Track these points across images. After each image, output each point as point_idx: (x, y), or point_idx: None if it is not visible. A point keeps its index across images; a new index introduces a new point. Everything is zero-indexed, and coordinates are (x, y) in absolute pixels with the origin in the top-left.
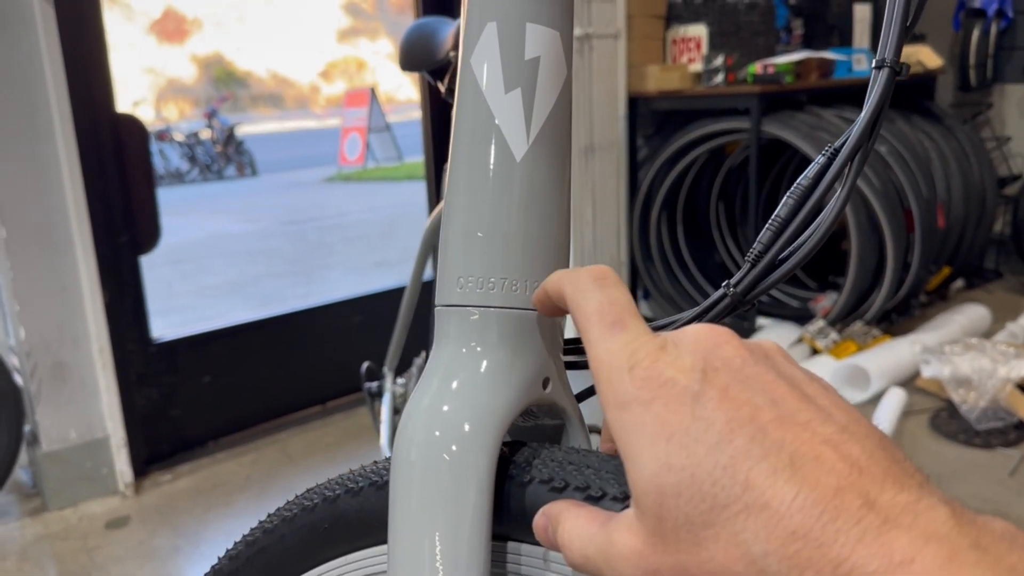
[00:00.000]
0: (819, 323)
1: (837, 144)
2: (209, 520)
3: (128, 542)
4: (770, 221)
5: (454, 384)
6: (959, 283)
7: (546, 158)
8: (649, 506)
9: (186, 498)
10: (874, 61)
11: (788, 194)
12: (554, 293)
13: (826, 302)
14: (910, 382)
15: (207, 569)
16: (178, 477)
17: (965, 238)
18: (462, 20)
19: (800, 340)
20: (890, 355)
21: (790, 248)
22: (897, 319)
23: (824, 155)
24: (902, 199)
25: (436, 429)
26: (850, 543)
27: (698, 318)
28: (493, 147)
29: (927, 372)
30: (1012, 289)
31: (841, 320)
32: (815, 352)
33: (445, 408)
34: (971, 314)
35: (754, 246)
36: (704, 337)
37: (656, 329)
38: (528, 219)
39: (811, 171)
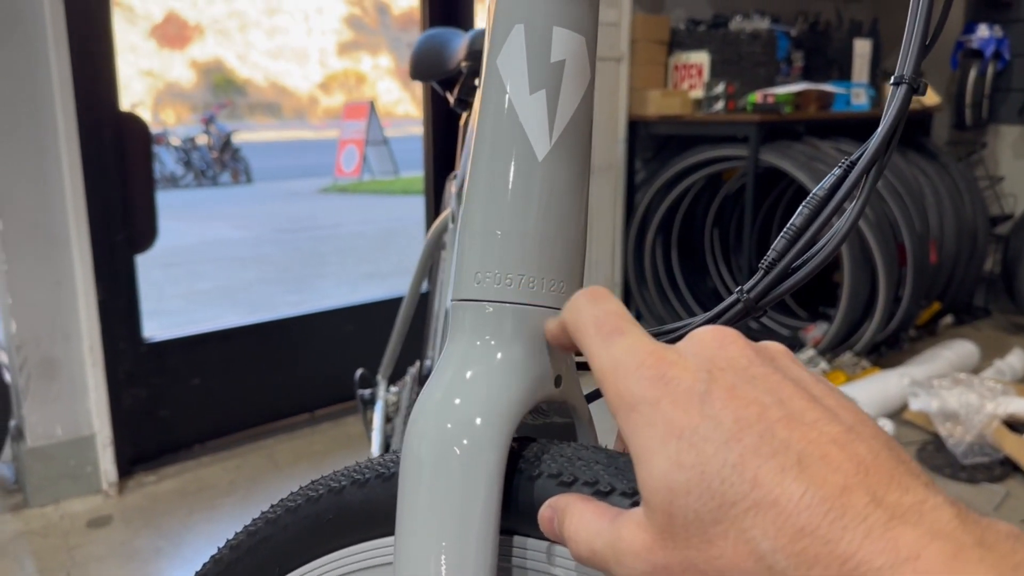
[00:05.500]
0: (809, 352)
1: (853, 157)
2: (192, 523)
3: (110, 542)
4: (785, 229)
5: (467, 376)
6: (948, 319)
7: (567, 159)
8: (659, 504)
9: (170, 500)
10: (892, 78)
11: (804, 204)
12: (565, 326)
13: (816, 332)
14: (898, 414)
15: (198, 566)
16: (162, 479)
17: (956, 275)
18: (488, 21)
19: None
20: (879, 387)
21: (803, 257)
22: (886, 352)
23: (840, 167)
24: (896, 233)
25: (448, 422)
26: (857, 539)
27: (710, 323)
28: (515, 146)
29: (915, 405)
30: (1000, 327)
31: (831, 350)
32: None
33: (457, 401)
34: (960, 350)
35: (768, 253)
36: (709, 338)
37: (667, 332)
38: (547, 218)
39: (827, 183)
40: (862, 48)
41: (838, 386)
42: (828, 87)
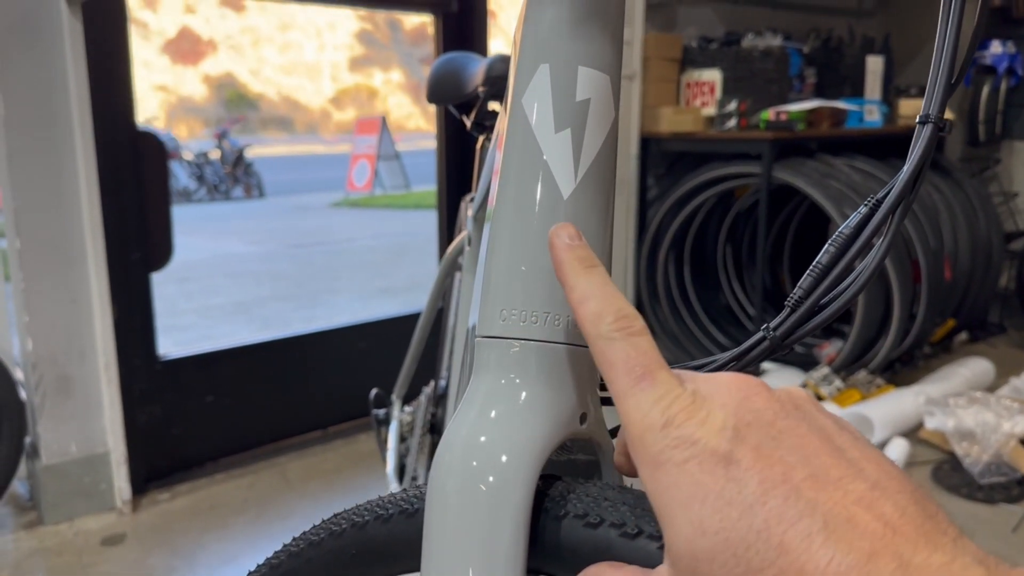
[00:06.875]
0: (823, 370)
1: (879, 195)
2: (206, 542)
3: (124, 560)
4: (811, 267)
5: (492, 415)
6: (963, 336)
7: (592, 197)
8: (684, 569)
9: (183, 518)
10: (918, 116)
11: (830, 242)
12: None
13: (831, 349)
14: (913, 433)
15: None
16: (176, 496)
17: (970, 291)
18: (513, 60)
19: (804, 386)
20: (894, 405)
21: (830, 295)
22: (901, 369)
23: (866, 205)
24: (910, 250)
25: (473, 459)
26: None
27: (736, 360)
28: (541, 184)
29: (931, 424)
30: (1016, 344)
31: (845, 368)
32: (819, 399)
33: (483, 439)
34: (975, 367)
35: (794, 291)
36: (734, 389)
37: (690, 370)
38: None
39: (853, 221)
40: (874, 65)
41: (853, 404)
42: (841, 104)
